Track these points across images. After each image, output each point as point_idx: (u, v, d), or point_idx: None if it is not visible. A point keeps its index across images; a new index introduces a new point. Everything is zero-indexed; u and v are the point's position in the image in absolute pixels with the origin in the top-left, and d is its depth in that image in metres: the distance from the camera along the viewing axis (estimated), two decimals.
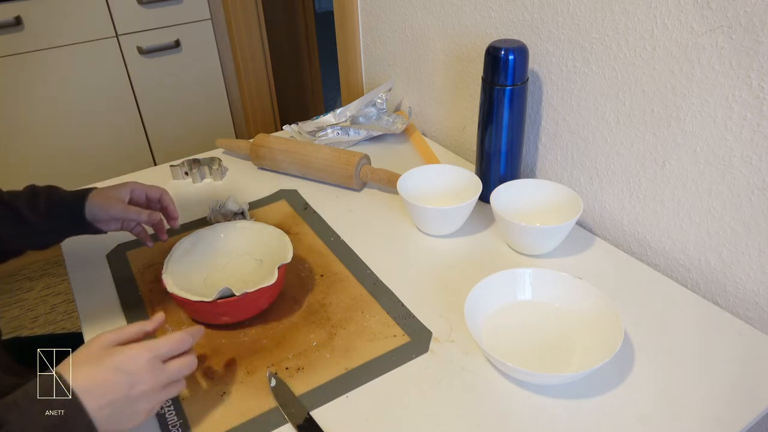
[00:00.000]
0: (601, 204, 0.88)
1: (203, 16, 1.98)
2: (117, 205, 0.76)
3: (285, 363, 0.67)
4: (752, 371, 0.64)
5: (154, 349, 0.55)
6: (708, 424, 0.58)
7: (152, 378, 0.53)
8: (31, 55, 1.74)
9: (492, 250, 0.84)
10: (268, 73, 2.22)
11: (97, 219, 0.76)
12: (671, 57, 0.71)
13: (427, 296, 0.76)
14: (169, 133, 2.07)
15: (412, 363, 0.66)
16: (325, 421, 0.60)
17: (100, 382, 0.51)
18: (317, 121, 1.16)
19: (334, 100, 3.16)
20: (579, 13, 0.80)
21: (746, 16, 0.62)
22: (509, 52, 0.81)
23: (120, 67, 1.90)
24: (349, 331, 0.71)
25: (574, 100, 0.86)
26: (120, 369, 0.52)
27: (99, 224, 0.77)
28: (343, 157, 0.99)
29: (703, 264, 0.77)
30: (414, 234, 0.89)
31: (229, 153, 1.14)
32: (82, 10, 1.77)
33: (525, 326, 0.69)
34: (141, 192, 0.81)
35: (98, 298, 0.78)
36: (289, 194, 1.00)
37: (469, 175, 0.90)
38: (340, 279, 0.80)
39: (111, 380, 0.51)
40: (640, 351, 0.66)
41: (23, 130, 1.83)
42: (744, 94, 0.65)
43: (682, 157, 0.74)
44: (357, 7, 1.30)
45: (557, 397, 0.62)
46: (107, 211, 0.76)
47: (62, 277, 2.00)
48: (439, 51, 1.10)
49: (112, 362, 0.52)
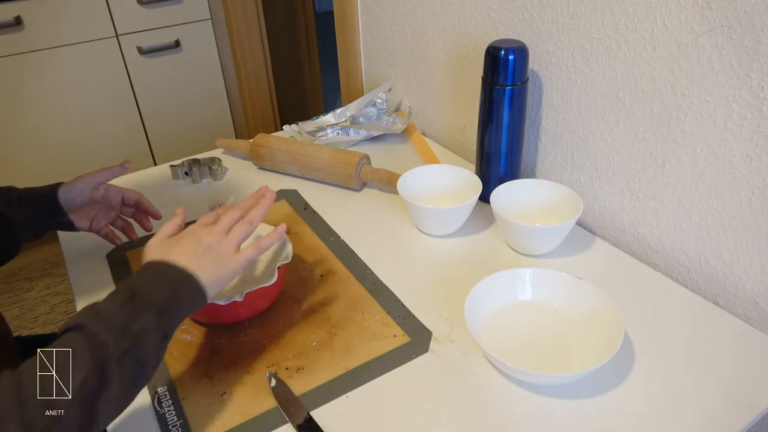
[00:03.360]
0: (601, 204, 0.88)
1: (203, 16, 1.98)
2: (85, 177, 0.79)
3: (285, 363, 0.67)
4: (752, 371, 0.64)
5: (195, 224, 0.63)
6: (708, 424, 0.58)
7: (208, 230, 0.61)
8: (31, 55, 1.74)
9: (492, 250, 0.84)
10: (268, 73, 2.22)
11: (69, 200, 0.78)
12: (671, 57, 0.71)
13: (427, 296, 0.76)
14: (169, 133, 2.07)
15: (412, 363, 0.66)
16: (325, 421, 0.60)
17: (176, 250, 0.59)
18: (317, 121, 1.16)
19: (334, 100, 3.16)
20: (579, 13, 0.80)
21: (746, 16, 0.62)
22: (509, 52, 0.81)
23: (120, 67, 1.90)
24: (349, 331, 0.71)
25: (574, 100, 0.86)
26: (180, 237, 0.61)
27: (71, 212, 0.78)
28: (343, 157, 0.99)
29: (703, 264, 0.77)
30: (414, 234, 0.89)
31: (229, 153, 1.14)
32: (82, 10, 1.77)
33: (525, 326, 0.69)
34: (117, 193, 0.82)
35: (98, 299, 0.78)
36: (289, 194, 1.00)
37: (469, 175, 0.90)
38: (340, 279, 0.80)
39: (182, 243, 0.60)
40: (640, 351, 0.66)
41: (23, 130, 1.83)
42: (744, 94, 0.65)
43: (682, 157, 0.74)
44: (357, 7, 1.30)
45: (557, 397, 0.62)
46: (76, 185, 0.78)
47: (62, 277, 2.00)
48: (439, 51, 1.10)
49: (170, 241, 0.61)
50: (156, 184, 1.04)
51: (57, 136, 1.88)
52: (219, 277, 0.59)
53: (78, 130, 1.91)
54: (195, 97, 2.07)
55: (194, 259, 0.58)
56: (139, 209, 0.85)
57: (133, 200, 0.84)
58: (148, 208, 0.84)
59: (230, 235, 0.61)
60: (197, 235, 0.60)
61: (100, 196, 0.81)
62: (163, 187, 1.03)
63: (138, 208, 0.85)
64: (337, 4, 1.33)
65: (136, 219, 0.86)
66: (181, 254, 0.58)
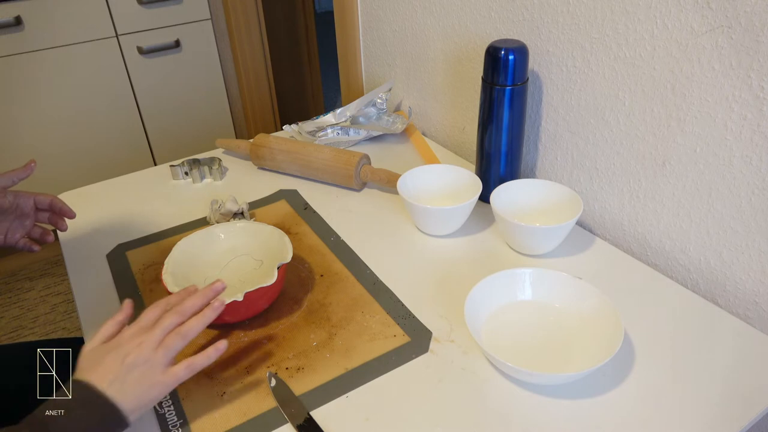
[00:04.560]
0: (601, 204, 0.88)
1: (203, 16, 1.98)
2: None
3: (285, 363, 0.67)
4: (752, 371, 0.64)
5: (133, 325, 0.58)
6: (708, 424, 0.58)
7: (139, 341, 0.56)
8: (31, 55, 1.74)
9: (492, 250, 0.84)
10: (268, 73, 2.22)
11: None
12: (671, 57, 0.71)
13: (427, 296, 0.76)
14: (169, 133, 2.07)
15: (412, 363, 0.66)
16: (325, 421, 0.60)
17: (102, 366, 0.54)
18: (317, 121, 1.16)
19: (334, 100, 3.16)
20: (579, 13, 0.80)
21: (746, 16, 0.62)
22: (509, 52, 0.81)
23: (120, 67, 1.90)
24: (349, 331, 0.71)
25: (574, 100, 0.86)
26: (108, 350, 0.56)
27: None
28: (343, 157, 0.99)
29: (703, 264, 0.77)
30: (414, 234, 0.89)
31: (229, 153, 1.14)
32: (82, 10, 1.77)
33: (525, 326, 0.69)
34: (28, 198, 0.78)
35: (98, 298, 0.78)
36: (289, 194, 1.00)
37: (469, 175, 0.90)
38: (340, 279, 0.80)
39: (108, 359, 0.55)
40: (640, 351, 0.66)
41: (23, 129, 1.83)
42: (744, 94, 0.65)
43: (682, 157, 0.74)
44: (357, 7, 1.30)
45: (557, 397, 0.62)
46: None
47: (62, 277, 2.00)
48: (439, 51, 1.10)
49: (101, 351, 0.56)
50: (156, 184, 1.04)
51: (57, 136, 1.88)
52: (144, 402, 0.54)
53: (78, 130, 1.91)
54: (195, 97, 2.07)
55: (116, 381, 0.53)
56: (53, 211, 0.81)
57: (46, 203, 0.79)
58: (62, 209, 0.80)
59: (160, 349, 0.56)
60: (124, 350, 0.55)
61: (8, 204, 0.76)
62: (163, 187, 1.04)
63: (52, 210, 0.81)
64: (337, 4, 1.33)
65: (52, 222, 0.82)
66: (105, 373, 0.54)
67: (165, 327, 0.58)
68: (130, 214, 0.92)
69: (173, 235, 0.89)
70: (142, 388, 0.54)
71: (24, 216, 0.79)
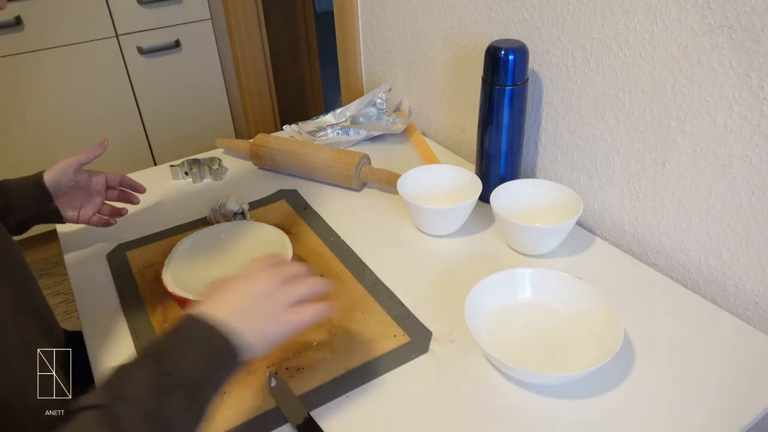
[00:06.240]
0: (601, 204, 0.88)
1: (203, 16, 1.98)
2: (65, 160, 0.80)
3: (285, 363, 0.67)
4: (752, 371, 0.64)
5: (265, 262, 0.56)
6: (708, 424, 0.58)
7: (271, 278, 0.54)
8: (31, 55, 1.74)
9: (492, 250, 0.84)
10: (268, 73, 2.22)
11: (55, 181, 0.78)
12: (671, 57, 0.71)
13: (427, 296, 0.76)
14: (169, 133, 2.07)
15: (412, 363, 0.66)
16: (325, 421, 0.60)
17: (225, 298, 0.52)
18: (317, 121, 1.16)
19: (334, 100, 3.16)
20: (579, 13, 0.80)
21: (746, 16, 0.62)
22: (509, 52, 0.81)
23: (120, 67, 1.90)
24: (349, 331, 0.71)
25: (574, 100, 0.86)
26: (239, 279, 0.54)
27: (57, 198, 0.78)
28: (343, 157, 0.99)
29: (703, 264, 0.77)
30: (414, 234, 0.89)
31: (229, 153, 1.14)
32: (82, 10, 1.77)
33: (525, 326, 0.69)
34: (100, 177, 0.83)
35: (98, 298, 0.78)
36: (289, 194, 1.00)
37: (469, 175, 0.90)
38: (340, 279, 0.80)
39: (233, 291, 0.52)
40: (640, 351, 0.66)
41: (23, 130, 1.83)
42: (744, 94, 0.65)
43: (682, 157, 0.74)
44: (357, 7, 1.30)
45: (557, 396, 0.62)
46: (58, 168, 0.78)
47: (62, 277, 2.00)
48: (439, 51, 1.10)
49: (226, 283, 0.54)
50: (156, 184, 1.04)
51: (57, 136, 1.88)
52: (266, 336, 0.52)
53: (78, 130, 1.91)
54: (195, 97, 2.07)
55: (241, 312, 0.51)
56: (124, 186, 0.86)
57: (116, 181, 0.84)
58: (133, 185, 0.86)
59: (291, 286, 0.54)
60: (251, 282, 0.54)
61: (84, 181, 0.81)
62: (163, 187, 1.04)
63: (123, 186, 0.86)
64: (337, 4, 1.33)
65: (123, 198, 0.87)
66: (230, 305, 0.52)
67: (290, 273, 0.55)
68: (130, 214, 0.92)
69: (173, 235, 0.89)
70: (265, 323, 0.52)
71: (96, 194, 0.83)
